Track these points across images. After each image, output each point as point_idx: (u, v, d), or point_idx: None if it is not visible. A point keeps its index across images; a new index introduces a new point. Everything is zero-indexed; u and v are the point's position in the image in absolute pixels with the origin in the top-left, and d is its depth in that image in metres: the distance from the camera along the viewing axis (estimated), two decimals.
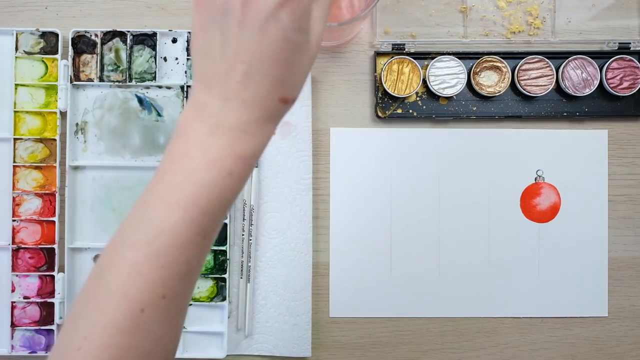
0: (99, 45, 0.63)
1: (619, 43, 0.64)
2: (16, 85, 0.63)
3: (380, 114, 0.64)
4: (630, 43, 0.64)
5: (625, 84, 0.64)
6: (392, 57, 0.64)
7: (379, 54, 0.64)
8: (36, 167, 0.63)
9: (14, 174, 0.63)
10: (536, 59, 0.64)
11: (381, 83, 0.64)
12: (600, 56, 0.64)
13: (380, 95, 0.64)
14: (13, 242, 0.63)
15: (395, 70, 0.63)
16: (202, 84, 0.37)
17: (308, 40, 0.37)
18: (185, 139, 0.37)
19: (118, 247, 0.37)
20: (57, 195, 0.63)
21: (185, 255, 0.37)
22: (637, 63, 0.63)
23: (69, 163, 0.63)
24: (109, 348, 0.36)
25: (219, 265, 0.64)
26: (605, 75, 0.63)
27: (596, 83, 0.63)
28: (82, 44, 0.64)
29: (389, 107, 0.65)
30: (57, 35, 0.63)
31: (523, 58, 0.63)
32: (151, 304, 0.36)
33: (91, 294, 0.37)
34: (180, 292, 0.38)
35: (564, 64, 0.63)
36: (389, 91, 0.63)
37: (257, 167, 0.64)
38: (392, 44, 0.64)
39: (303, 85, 0.39)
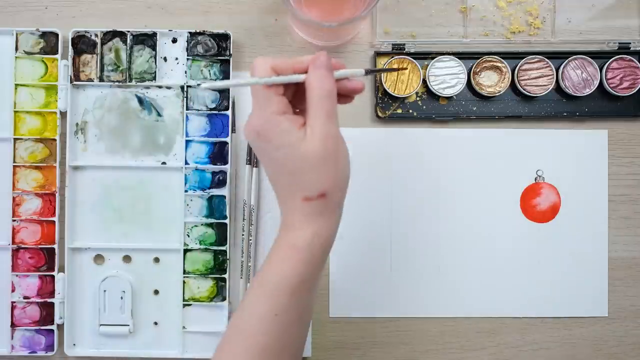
0: (99, 45, 0.63)
1: (619, 43, 0.64)
2: (16, 85, 0.63)
3: (380, 114, 0.64)
4: (630, 43, 0.64)
5: (625, 84, 0.64)
6: (392, 57, 0.64)
7: (379, 54, 0.64)
8: (36, 167, 0.63)
9: (14, 174, 0.63)
10: (536, 59, 0.64)
11: (381, 83, 0.64)
12: (600, 56, 0.64)
13: (380, 95, 0.64)
14: (13, 242, 0.63)
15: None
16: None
17: (297, 150, 0.44)
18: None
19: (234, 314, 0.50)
20: (57, 195, 0.63)
21: (262, 329, 0.46)
22: (637, 63, 0.63)
23: (69, 163, 0.63)
24: None
25: (219, 265, 0.64)
26: (605, 75, 0.63)
27: (596, 83, 0.63)
28: (82, 44, 0.64)
29: (389, 107, 0.65)
30: (57, 35, 0.63)
31: (523, 58, 0.63)
32: None
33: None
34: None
35: (564, 64, 0.63)
36: (389, 91, 0.63)
37: (257, 167, 0.64)
38: (392, 44, 0.64)
39: (324, 180, 0.45)
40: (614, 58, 0.63)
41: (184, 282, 0.63)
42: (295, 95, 0.48)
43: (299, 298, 0.47)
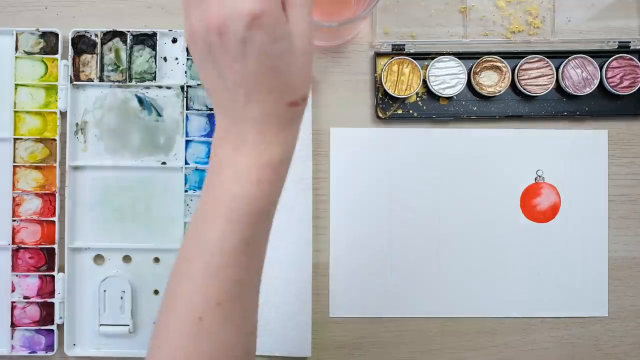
0: (99, 45, 0.63)
1: (619, 42, 0.64)
2: (16, 85, 0.63)
3: (380, 115, 0.64)
4: (630, 42, 0.64)
5: (626, 83, 0.63)
6: (392, 57, 0.64)
7: (379, 54, 0.64)
8: (36, 167, 0.63)
9: (14, 174, 0.63)
10: (536, 59, 0.64)
11: (381, 84, 0.64)
12: (600, 55, 0.64)
13: (380, 96, 0.64)
14: (13, 242, 0.63)
15: (396, 71, 0.63)
16: (218, 112, 0.41)
17: (291, 43, 0.37)
18: (217, 159, 0.41)
19: (179, 259, 0.41)
20: (57, 195, 0.63)
21: (232, 263, 0.39)
22: (637, 62, 0.63)
23: (69, 163, 0.63)
24: (178, 350, 0.40)
25: None
26: (606, 75, 0.63)
27: (596, 82, 0.63)
28: (82, 44, 0.64)
29: (389, 108, 0.65)
30: (57, 35, 0.63)
31: (523, 58, 0.63)
32: (207, 311, 0.39)
33: (163, 301, 0.42)
34: (236, 298, 0.40)
35: (564, 63, 0.63)
36: (389, 92, 0.63)
37: None
38: (392, 45, 0.64)
39: (308, 82, 0.39)
40: (614, 57, 0.63)
41: None
42: None
43: (269, 221, 0.42)
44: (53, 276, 0.63)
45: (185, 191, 0.63)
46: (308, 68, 0.39)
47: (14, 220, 0.63)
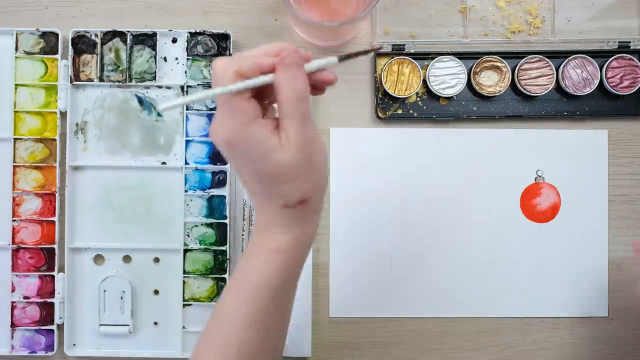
0: (99, 45, 0.63)
1: (619, 42, 0.64)
2: (16, 85, 0.63)
3: (380, 115, 0.64)
4: (630, 42, 0.64)
5: (626, 83, 0.63)
6: (392, 57, 0.64)
7: (379, 54, 0.64)
8: (36, 167, 0.63)
9: (14, 174, 0.63)
10: (536, 59, 0.64)
11: (381, 84, 0.64)
12: (600, 55, 0.64)
13: (380, 96, 0.64)
14: (13, 242, 0.63)
15: (396, 71, 0.63)
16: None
17: (277, 157, 0.41)
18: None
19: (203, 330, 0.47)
20: (57, 195, 0.63)
21: (243, 337, 0.44)
22: (637, 62, 0.63)
23: (69, 163, 0.63)
24: None
25: (219, 265, 0.64)
26: (606, 74, 0.63)
27: (596, 82, 0.63)
28: (82, 44, 0.64)
29: (389, 108, 0.65)
30: (57, 35, 0.63)
31: (523, 58, 0.63)
32: None
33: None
34: None
35: (564, 63, 0.63)
36: (389, 92, 0.63)
37: None
38: (392, 45, 0.64)
39: (299, 190, 0.43)
40: (614, 57, 0.63)
41: (184, 282, 0.63)
42: (266, 91, 0.43)
43: (280, 301, 0.45)
44: (53, 276, 0.63)
45: (185, 191, 0.63)
46: (301, 176, 0.42)
47: (14, 220, 0.63)
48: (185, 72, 0.64)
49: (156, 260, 0.64)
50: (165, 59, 0.64)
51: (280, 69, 0.41)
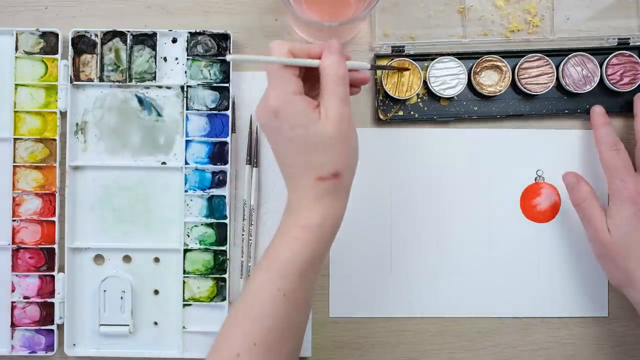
0: (99, 45, 0.64)
1: (619, 39, 0.64)
2: (16, 85, 0.63)
3: (381, 117, 0.64)
4: (629, 38, 0.64)
5: (626, 80, 0.63)
6: (392, 59, 0.64)
7: (378, 56, 0.64)
8: (36, 167, 0.63)
9: (14, 174, 0.63)
10: (536, 57, 0.64)
11: (382, 86, 0.64)
12: (600, 52, 0.64)
13: (381, 98, 0.64)
14: (13, 242, 0.63)
15: (396, 73, 0.63)
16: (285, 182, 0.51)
17: (316, 128, 0.46)
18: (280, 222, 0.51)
19: (232, 307, 0.52)
20: (57, 195, 0.63)
21: (269, 310, 0.46)
22: (637, 58, 0.63)
23: (69, 163, 0.63)
24: None
25: (219, 265, 0.64)
26: (606, 72, 0.63)
27: (596, 79, 0.63)
28: (82, 44, 0.64)
29: (390, 110, 0.64)
30: (57, 35, 0.63)
31: (523, 57, 0.63)
32: (244, 350, 0.45)
33: (212, 345, 0.48)
34: (272, 342, 0.46)
35: (563, 61, 0.63)
36: (390, 94, 0.63)
37: (257, 167, 0.64)
38: (392, 46, 0.64)
39: (335, 161, 0.47)
40: (613, 54, 0.63)
41: (184, 282, 0.63)
42: (305, 82, 0.50)
43: (307, 278, 0.48)
44: (53, 276, 0.63)
45: (185, 191, 0.63)
46: (337, 149, 0.47)
47: (14, 220, 0.63)
48: (185, 72, 0.64)
49: (156, 260, 0.64)
50: (165, 59, 0.64)
51: (327, 54, 0.48)
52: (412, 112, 0.65)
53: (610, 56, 0.63)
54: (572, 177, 0.62)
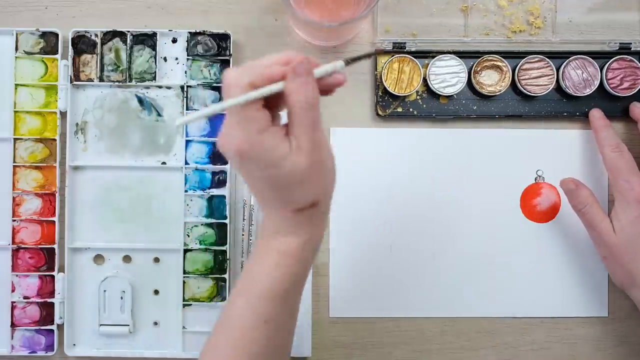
0: (99, 45, 0.63)
1: (620, 43, 0.64)
2: (16, 85, 0.63)
3: (380, 113, 0.64)
4: (631, 43, 0.64)
5: (626, 84, 0.63)
6: (393, 55, 0.63)
7: (379, 53, 0.64)
8: (36, 167, 0.63)
9: (14, 174, 0.63)
10: (537, 59, 0.63)
11: (382, 82, 0.63)
12: (601, 56, 0.64)
13: (380, 93, 0.64)
14: (13, 242, 0.63)
15: (396, 69, 0.63)
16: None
17: (288, 164, 0.42)
18: (254, 248, 0.49)
19: (212, 330, 0.47)
20: (57, 195, 0.63)
21: (250, 337, 0.44)
22: (638, 63, 0.63)
23: (69, 163, 0.63)
24: None
25: (219, 265, 0.64)
26: (606, 76, 0.63)
27: (596, 83, 0.63)
28: (82, 44, 0.64)
29: (389, 106, 0.64)
30: (57, 35, 0.63)
31: (524, 57, 0.63)
32: None
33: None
34: None
35: (564, 63, 0.63)
36: (390, 90, 0.63)
37: None
38: (393, 43, 0.64)
39: (310, 194, 0.44)
40: (614, 58, 0.63)
41: (184, 282, 0.63)
42: (271, 98, 0.43)
43: (289, 301, 0.46)
44: (53, 276, 0.63)
45: (185, 191, 0.63)
46: (313, 180, 0.43)
47: (14, 220, 0.63)
48: (185, 72, 0.64)
49: (156, 260, 0.64)
50: (165, 59, 0.64)
51: (291, 77, 0.42)
52: (411, 109, 0.65)
53: (611, 60, 0.63)
54: (571, 183, 0.61)
